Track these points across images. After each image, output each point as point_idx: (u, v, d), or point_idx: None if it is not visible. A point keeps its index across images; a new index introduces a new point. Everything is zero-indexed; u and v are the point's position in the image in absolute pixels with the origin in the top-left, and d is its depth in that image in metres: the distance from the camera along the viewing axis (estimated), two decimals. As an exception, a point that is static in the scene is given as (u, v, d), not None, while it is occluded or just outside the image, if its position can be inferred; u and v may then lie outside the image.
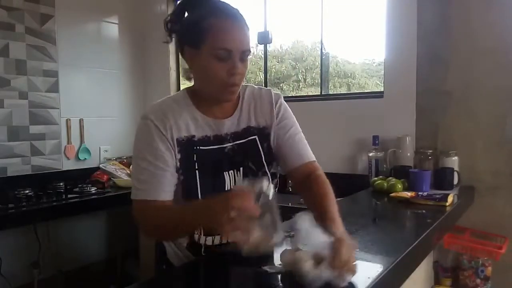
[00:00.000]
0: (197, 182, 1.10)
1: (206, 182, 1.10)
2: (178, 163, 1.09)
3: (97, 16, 3.03)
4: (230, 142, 1.15)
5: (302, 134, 1.24)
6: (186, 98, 1.15)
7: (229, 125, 1.16)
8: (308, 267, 0.83)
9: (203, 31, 1.02)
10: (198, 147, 1.11)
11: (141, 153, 1.08)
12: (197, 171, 1.10)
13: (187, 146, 1.10)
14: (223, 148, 1.14)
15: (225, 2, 1.08)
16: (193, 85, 1.17)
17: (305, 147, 1.23)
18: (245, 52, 1.05)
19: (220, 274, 1.00)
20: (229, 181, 1.13)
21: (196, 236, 1.16)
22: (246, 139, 1.17)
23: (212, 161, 1.12)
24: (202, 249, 1.17)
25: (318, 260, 0.84)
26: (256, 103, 1.20)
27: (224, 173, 1.13)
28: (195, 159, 1.10)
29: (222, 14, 1.03)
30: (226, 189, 1.12)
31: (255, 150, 1.17)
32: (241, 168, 1.15)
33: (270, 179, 1.14)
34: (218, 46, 1.01)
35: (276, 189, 1.18)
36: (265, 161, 1.18)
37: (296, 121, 1.25)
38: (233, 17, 1.04)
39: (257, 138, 1.18)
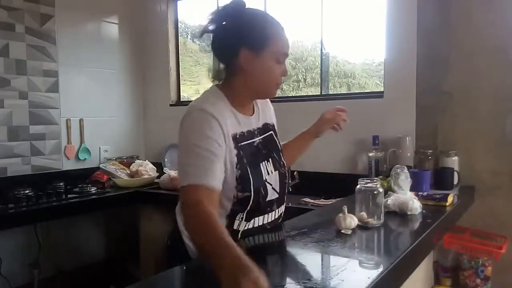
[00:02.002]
0: (250, 177, 1.18)
1: (253, 174, 1.19)
2: (236, 159, 1.16)
3: (97, 16, 3.03)
4: (258, 137, 1.27)
5: None
6: (222, 96, 1.21)
7: (254, 122, 1.28)
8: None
9: (266, 38, 1.16)
10: (241, 143, 1.20)
11: (196, 142, 1.09)
12: (247, 166, 1.18)
13: (237, 142, 1.18)
14: (254, 142, 1.25)
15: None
16: (225, 84, 1.23)
17: None
18: None
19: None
20: (265, 171, 1.24)
21: (236, 223, 1.22)
22: (267, 134, 1.32)
23: (251, 155, 1.22)
24: (239, 235, 1.22)
25: None
26: (263, 104, 1.36)
27: (260, 164, 1.24)
28: (242, 154, 1.19)
29: (278, 24, 1.21)
30: (264, 178, 1.23)
31: (275, 143, 1.34)
32: (270, 159, 1.28)
33: (285, 165, 1.34)
34: (279, 51, 1.19)
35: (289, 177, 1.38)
36: (281, 153, 1.35)
37: None
38: (283, 27, 1.22)
39: (273, 133, 1.35)
